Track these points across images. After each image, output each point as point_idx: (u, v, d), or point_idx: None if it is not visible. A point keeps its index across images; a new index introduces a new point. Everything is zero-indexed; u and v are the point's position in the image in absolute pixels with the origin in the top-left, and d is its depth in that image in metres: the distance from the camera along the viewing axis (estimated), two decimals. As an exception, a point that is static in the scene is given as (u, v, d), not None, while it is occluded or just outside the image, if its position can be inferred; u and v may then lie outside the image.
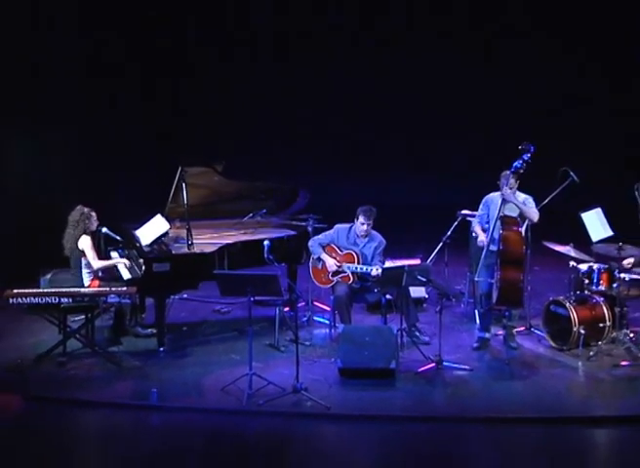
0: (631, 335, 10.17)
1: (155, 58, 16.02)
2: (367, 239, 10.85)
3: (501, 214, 10.21)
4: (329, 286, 10.97)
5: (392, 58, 17.10)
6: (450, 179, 15.84)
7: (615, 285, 10.29)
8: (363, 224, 10.76)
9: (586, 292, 10.58)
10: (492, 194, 10.54)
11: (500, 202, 10.27)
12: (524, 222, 10.39)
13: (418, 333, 10.75)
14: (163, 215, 10.86)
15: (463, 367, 10.03)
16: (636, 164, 13.38)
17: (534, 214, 10.35)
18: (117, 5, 14.58)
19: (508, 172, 10.30)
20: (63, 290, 10.05)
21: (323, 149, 16.82)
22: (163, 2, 16.29)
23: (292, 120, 17.11)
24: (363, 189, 15.57)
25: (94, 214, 10.45)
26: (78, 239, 10.30)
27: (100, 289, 10.16)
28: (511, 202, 10.21)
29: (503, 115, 16.09)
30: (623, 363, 9.99)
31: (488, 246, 10.30)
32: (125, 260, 10.67)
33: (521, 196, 10.37)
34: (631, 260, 10.25)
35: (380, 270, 10.49)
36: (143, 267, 10.35)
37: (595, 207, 11.06)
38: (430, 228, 12.28)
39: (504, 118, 15.97)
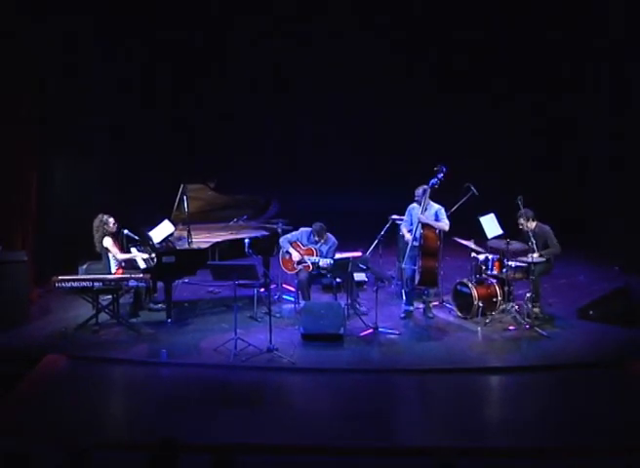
0: (516, 307, 10.30)
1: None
2: (323, 241, 10.96)
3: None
4: (294, 272, 11.03)
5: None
6: (383, 191, 15.75)
7: (504, 270, 10.38)
8: (315, 237, 10.89)
9: (483, 275, 10.70)
10: (413, 204, 10.59)
11: (418, 212, 10.39)
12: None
13: (358, 306, 10.85)
14: (169, 220, 10.86)
15: (394, 331, 10.13)
16: (518, 182, 13.51)
17: (445, 226, 10.39)
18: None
19: (426, 186, 10.41)
20: (96, 276, 10.09)
21: (288, 169, 16.70)
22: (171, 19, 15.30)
23: (267, 147, 17.00)
24: (320, 199, 15.58)
25: (111, 219, 10.36)
26: (102, 240, 10.30)
27: (123, 275, 10.16)
28: (427, 222, 10.29)
29: (425, 144, 16.06)
30: (511, 327, 10.15)
31: (412, 242, 10.40)
32: (141, 254, 10.70)
33: (434, 207, 10.44)
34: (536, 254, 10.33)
35: (332, 261, 10.61)
36: (155, 259, 10.42)
37: (490, 212, 11.18)
38: (369, 229, 12.30)
39: (425, 146, 15.94)
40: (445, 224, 10.41)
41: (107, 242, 10.28)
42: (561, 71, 15.60)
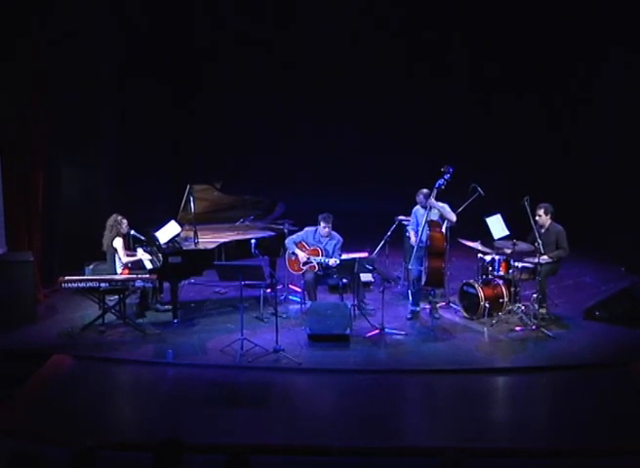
0: (522, 308, 10.26)
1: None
2: (328, 238, 10.93)
3: (428, 219, 10.32)
4: (300, 273, 10.97)
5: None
6: (390, 192, 15.70)
7: (510, 271, 10.35)
8: (325, 228, 10.80)
9: (490, 276, 10.63)
10: (418, 207, 10.66)
11: (424, 213, 10.37)
12: (444, 222, 10.48)
13: (364, 305, 10.82)
14: (176, 221, 10.84)
15: (400, 332, 10.10)
16: (525, 184, 13.41)
17: (452, 216, 10.42)
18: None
19: (425, 190, 10.47)
20: (102, 277, 10.08)
21: (294, 169, 16.65)
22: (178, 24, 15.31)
23: (271, 147, 16.96)
24: (326, 200, 15.49)
25: (125, 220, 10.38)
26: (112, 240, 10.28)
27: (129, 276, 10.15)
28: (436, 207, 10.32)
29: (431, 144, 16.01)
30: (517, 328, 10.11)
31: (417, 243, 10.40)
32: (148, 255, 10.68)
33: (439, 204, 10.43)
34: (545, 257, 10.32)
35: (338, 261, 10.55)
36: (162, 260, 10.40)
37: (496, 213, 11.14)
38: (375, 229, 12.29)
39: (431, 146, 15.89)
40: (453, 215, 10.43)
41: (118, 243, 10.27)
42: (562, 71, 15.54)
